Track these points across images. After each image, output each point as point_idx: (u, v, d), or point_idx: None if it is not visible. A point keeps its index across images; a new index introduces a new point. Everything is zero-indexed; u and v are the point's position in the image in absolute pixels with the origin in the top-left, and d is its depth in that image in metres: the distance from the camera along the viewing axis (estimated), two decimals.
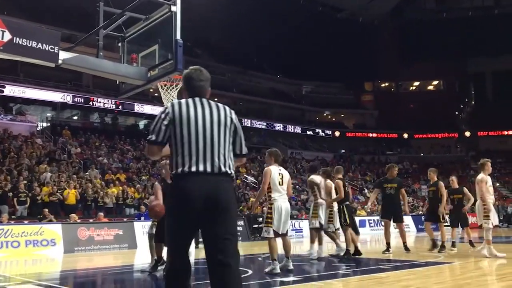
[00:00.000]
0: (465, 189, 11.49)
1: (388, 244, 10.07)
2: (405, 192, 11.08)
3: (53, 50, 5.79)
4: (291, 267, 7.10)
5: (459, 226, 11.57)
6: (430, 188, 11.03)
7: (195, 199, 3.04)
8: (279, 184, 7.13)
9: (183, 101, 3.27)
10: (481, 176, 8.96)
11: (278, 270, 6.86)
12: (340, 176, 9.74)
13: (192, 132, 3.14)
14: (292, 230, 20.29)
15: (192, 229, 3.15)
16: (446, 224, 11.51)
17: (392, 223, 10.70)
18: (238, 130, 3.32)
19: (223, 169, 3.15)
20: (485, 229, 8.82)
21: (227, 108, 3.32)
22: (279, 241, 7.27)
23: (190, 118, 3.16)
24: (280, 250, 7.24)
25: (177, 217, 3.11)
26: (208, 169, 3.11)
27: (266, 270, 7.00)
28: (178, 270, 3.11)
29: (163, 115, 3.20)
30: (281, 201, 7.12)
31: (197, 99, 3.29)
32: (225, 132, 3.22)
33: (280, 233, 7.07)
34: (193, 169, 3.09)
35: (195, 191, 3.05)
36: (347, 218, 9.30)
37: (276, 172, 7.18)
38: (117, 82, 7.12)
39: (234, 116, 3.32)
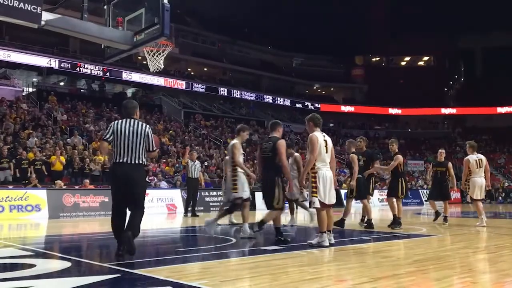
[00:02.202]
0: (450, 164, 11.28)
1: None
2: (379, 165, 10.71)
3: (35, 11, 5.62)
4: (333, 241, 6.66)
5: (439, 199, 11.26)
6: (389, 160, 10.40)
7: (121, 176, 5.46)
8: (325, 152, 6.65)
9: (120, 120, 5.61)
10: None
11: (327, 243, 6.50)
12: (353, 149, 9.92)
13: (122, 139, 5.46)
14: None
15: (120, 193, 5.53)
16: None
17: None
18: (149, 138, 5.56)
19: (137, 161, 5.49)
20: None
21: (144, 125, 5.62)
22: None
23: (121, 131, 5.48)
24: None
25: (112, 186, 5.64)
26: (128, 161, 5.46)
27: (313, 242, 6.58)
28: (117, 223, 5.60)
29: (109, 128, 5.62)
30: (325, 170, 6.60)
31: (128, 119, 5.61)
32: (141, 140, 5.50)
33: (327, 203, 6.56)
34: (121, 160, 5.46)
35: (120, 172, 5.47)
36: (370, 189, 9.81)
37: (321, 139, 6.65)
38: (102, 46, 6.97)
39: (147, 129, 5.59)
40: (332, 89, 51.55)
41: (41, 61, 29.66)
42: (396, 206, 9.86)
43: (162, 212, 16.09)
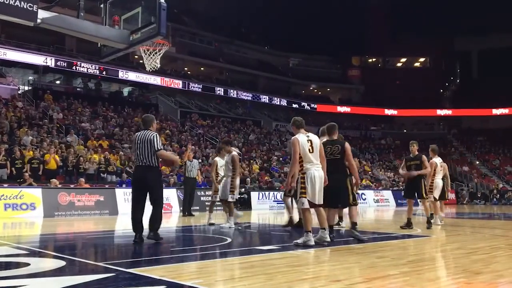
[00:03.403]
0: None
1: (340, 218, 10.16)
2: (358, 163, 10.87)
3: (31, 9, 5.60)
4: (328, 239, 6.73)
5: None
6: (412, 161, 10.21)
7: (138, 177, 6.99)
8: (309, 152, 6.66)
9: (139, 132, 7.06)
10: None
11: (313, 242, 6.52)
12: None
13: (137, 147, 6.89)
14: (274, 201, 20.53)
15: (139, 191, 6.92)
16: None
17: None
18: (151, 141, 6.84)
19: (149, 163, 6.86)
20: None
21: (150, 133, 6.96)
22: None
23: (137, 141, 6.95)
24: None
25: (132, 186, 7.11)
26: (142, 164, 6.87)
27: (299, 241, 6.59)
28: (133, 216, 6.93)
29: (133, 137, 7.21)
30: (314, 170, 6.63)
31: (144, 130, 7.04)
32: (150, 146, 6.84)
33: (317, 203, 6.64)
34: (138, 164, 6.95)
35: (137, 174, 7.02)
36: None
37: (305, 140, 6.70)
38: (99, 45, 6.96)
39: (151, 136, 6.90)
40: (328, 89, 51.58)
41: (37, 59, 29.55)
42: (428, 207, 10.23)
43: None
